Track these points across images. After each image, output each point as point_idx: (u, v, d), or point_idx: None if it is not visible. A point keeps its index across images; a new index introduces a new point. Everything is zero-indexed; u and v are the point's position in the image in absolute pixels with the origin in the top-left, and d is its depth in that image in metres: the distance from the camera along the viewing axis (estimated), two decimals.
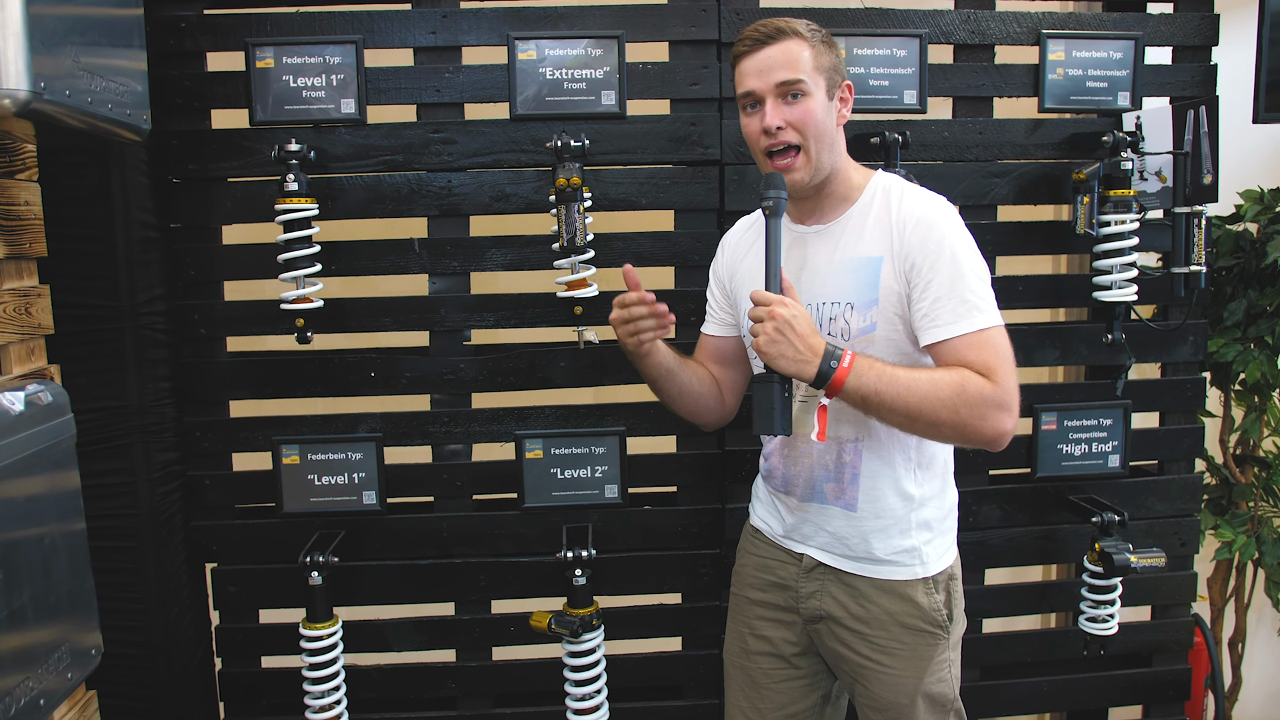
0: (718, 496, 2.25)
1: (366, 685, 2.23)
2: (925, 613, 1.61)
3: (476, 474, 2.21)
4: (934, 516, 1.63)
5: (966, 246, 1.49)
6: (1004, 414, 1.43)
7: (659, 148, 2.14)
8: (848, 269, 1.57)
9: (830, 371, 1.43)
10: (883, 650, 1.62)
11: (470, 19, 2.09)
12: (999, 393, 1.42)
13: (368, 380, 2.16)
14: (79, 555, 1.63)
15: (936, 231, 1.49)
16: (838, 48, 1.58)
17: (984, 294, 1.48)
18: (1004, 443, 1.46)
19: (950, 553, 1.66)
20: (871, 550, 1.61)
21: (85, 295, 1.95)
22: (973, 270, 1.48)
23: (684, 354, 1.78)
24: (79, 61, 1.44)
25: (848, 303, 1.56)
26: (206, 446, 2.16)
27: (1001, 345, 1.46)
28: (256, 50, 2.04)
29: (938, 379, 1.43)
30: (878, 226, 1.55)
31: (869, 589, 1.62)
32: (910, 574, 1.61)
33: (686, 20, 2.11)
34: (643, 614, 2.28)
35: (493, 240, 2.15)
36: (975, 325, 1.46)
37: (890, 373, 1.44)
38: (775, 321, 1.44)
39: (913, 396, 1.43)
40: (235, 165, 2.10)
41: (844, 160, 1.60)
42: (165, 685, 2.08)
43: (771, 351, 1.44)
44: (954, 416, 1.42)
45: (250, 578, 2.20)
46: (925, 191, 1.57)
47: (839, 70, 1.56)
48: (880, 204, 1.57)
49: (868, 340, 1.54)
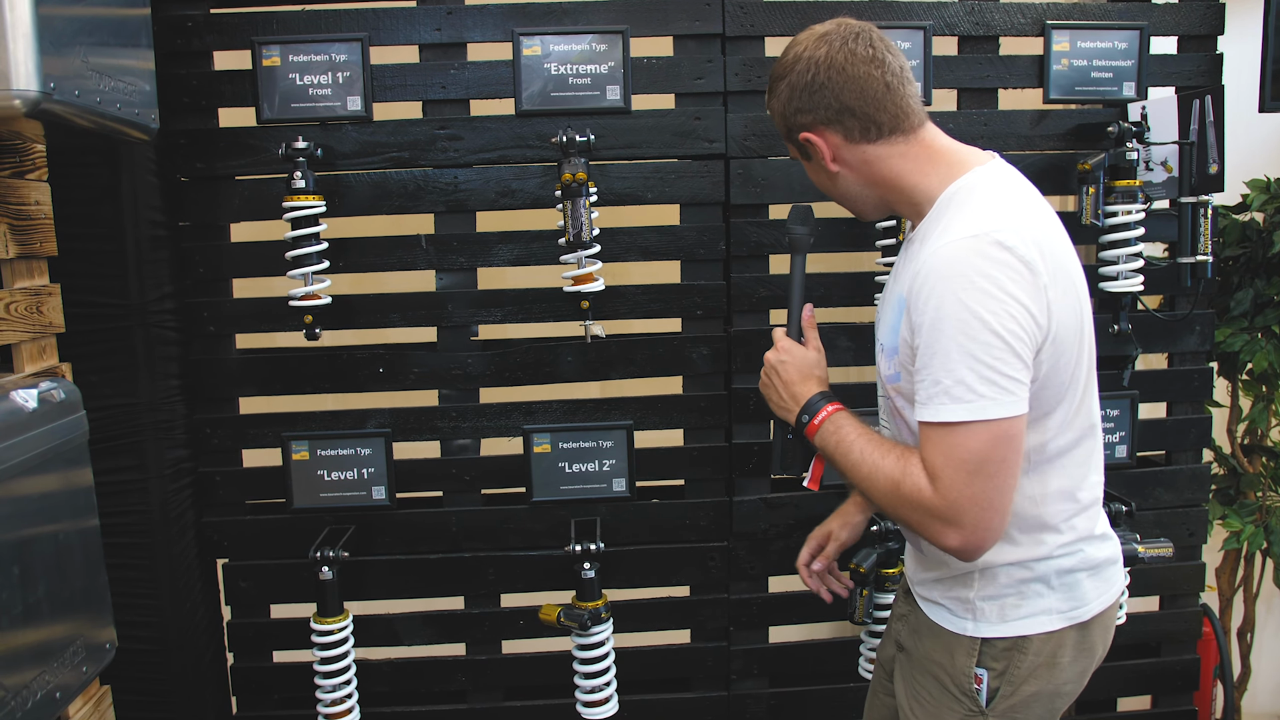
0: (726, 489, 2.26)
1: (377, 679, 2.25)
2: (954, 673, 1.39)
3: (485, 468, 2.22)
4: (1013, 578, 1.35)
5: (961, 312, 1.18)
6: (944, 527, 1.21)
7: (664, 142, 2.14)
8: (889, 303, 1.40)
9: (803, 425, 1.41)
10: (915, 698, 1.47)
11: (475, 15, 2.10)
12: (935, 502, 1.20)
13: (376, 376, 2.17)
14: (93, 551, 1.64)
15: (932, 283, 1.21)
16: (779, 96, 1.38)
17: (965, 377, 1.17)
18: (963, 558, 1.27)
19: (1027, 624, 1.35)
20: (932, 590, 1.45)
21: (95, 294, 1.96)
22: (959, 345, 1.18)
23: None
24: (88, 62, 1.44)
25: (881, 343, 1.41)
26: (216, 443, 2.17)
27: (961, 447, 1.18)
28: (263, 49, 2.05)
29: (879, 467, 1.28)
30: (914, 257, 1.30)
31: (923, 626, 1.47)
32: (958, 627, 1.39)
33: (691, 14, 2.12)
34: (651, 607, 2.29)
35: (499, 236, 2.15)
36: (935, 416, 1.20)
37: (847, 444, 1.33)
38: (766, 365, 1.47)
39: (857, 475, 1.32)
40: (243, 163, 2.10)
41: (890, 179, 1.36)
42: (178, 680, 2.10)
43: (762, 394, 1.50)
44: (895, 513, 1.29)
45: (261, 573, 2.22)
46: (977, 215, 1.24)
47: (792, 127, 1.38)
48: (930, 226, 1.31)
49: (895, 390, 1.37)
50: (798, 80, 1.34)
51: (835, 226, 2.18)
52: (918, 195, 1.35)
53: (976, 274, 1.18)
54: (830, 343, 2.19)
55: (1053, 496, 1.34)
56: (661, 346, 2.19)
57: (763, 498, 2.24)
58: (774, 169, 2.16)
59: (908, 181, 1.35)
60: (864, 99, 1.31)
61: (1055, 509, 1.34)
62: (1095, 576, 1.39)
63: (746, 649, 2.30)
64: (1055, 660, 1.36)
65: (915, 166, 1.34)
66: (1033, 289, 1.19)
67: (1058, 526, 1.35)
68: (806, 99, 1.34)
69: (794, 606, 2.31)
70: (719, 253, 2.18)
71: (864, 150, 1.35)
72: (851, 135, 1.34)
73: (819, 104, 1.33)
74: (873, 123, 1.32)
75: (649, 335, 2.21)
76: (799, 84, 1.34)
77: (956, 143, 1.38)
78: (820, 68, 1.32)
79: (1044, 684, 1.36)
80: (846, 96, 1.32)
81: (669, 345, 2.19)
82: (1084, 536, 1.37)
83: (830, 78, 1.31)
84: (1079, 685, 1.41)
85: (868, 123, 1.32)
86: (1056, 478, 1.33)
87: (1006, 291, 1.18)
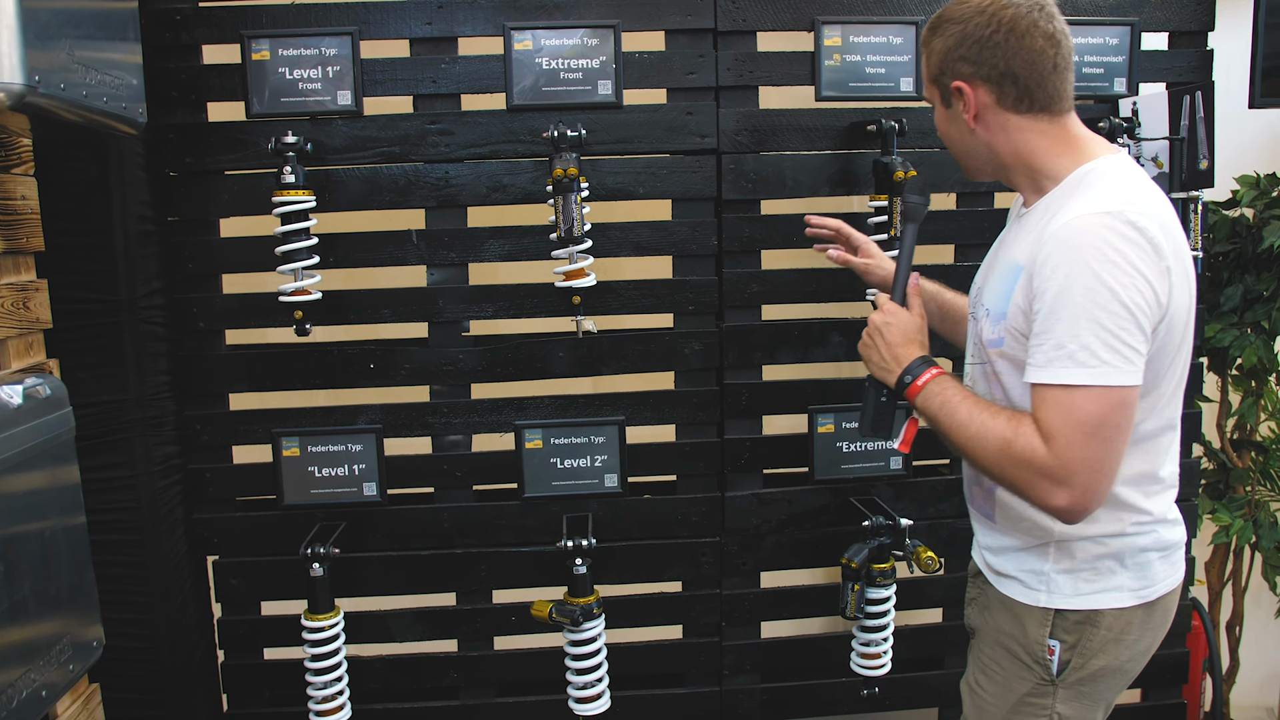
0: (717, 485, 2.26)
1: (369, 675, 2.24)
2: (1027, 643, 1.42)
3: (476, 464, 2.21)
4: (1089, 553, 1.39)
5: (1092, 281, 1.22)
6: (1054, 487, 1.24)
7: (656, 137, 2.14)
8: (999, 271, 1.43)
9: (904, 386, 1.45)
10: (983, 669, 1.51)
11: (466, 9, 2.09)
12: (1049, 462, 1.23)
13: (367, 372, 2.17)
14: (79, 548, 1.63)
15: (1063, 252, 1.25)
16: (946, 37, 1.38)
17: (1089, 342, 1.21)
18: (1066, 519, 1.29)
19: (1100, 599, 1.39)
20: (1005, 563, 1.47)
21: (84, 289, 1.94)
22: (1087, 312, 1.22)
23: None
24: (74, 55, 1.43)
25: (987, 308, 1.43)
26: (206, 440, 2.16)
27: (1081, 410, 1.22)
28: (252, 42, 2.04)
29: (989, 427, 1.31)
30: (1036, 229, 1.34)
31: (994, 601, 1.50)
32: (1031, 598, 1.42)
33: (682, 9, 2.11)
34: (643, 602, 2.29)
35: (490, 231, 2.14)
36: (1056, 378, 1.24)
37: (953, 404, 1.36)
38: (869, 327, 1.52)
39: (962, 436, 1.34)
40: (232, 158, 2.09)
41: (1023, 152, 1.39)
42: (168, 677, 2.09)
43: (862, 355, 1.54)
44: (1000, 473, 1.31)
45: (252, 570, 2.21)
46: (1110, 194, 1.28)
47: (946, 71, 1.39)
48: (1059, 202, 1.34)
49: (998, 354, 1.40)
50: (974, 30, 1.35)
51: None
52: (1043, 173, 1.39)
53: (1108, 247, 1.22)
54: (821, 338, 2.21)
55: (1135, 477, 1.38)
56: (653, 342, 2.19)
57: (755, 493, 2.24)
58: (766, 164, 2.16)
59: (1038, 159, 1.38)
60: (1031, 71, 1.34)
61: (1136, 489, 1.39)
62: (1165, 559, 1.43)
63: (739, 644, 2.30)
64: (1124, 637, 1.40)
65: (1049, 146, 1.38)
66: (1157, 269, 1.24)
67: (1137, 505, 1.39)
68: (976, 51, 1.35)
69: (786, 602, 2.31)
70: (711, 248, 2.18)
71: (1008, 118, 1.37)
72: (1004, 100, 1.36)
73: (986, 60, 1.35)
74: (1029, 96, 1.35)
75: (641, 331, 2.20)
76: (974, 34, 1.35)
77: (1091, 133, 1.42)
78: (1001, 27, 1.33)
79: (1112, 659, 1.41)
80: (1016, 63, 1.33)
81: (661, 341, 2.19)
82: (1159, 519, 1.42)
83: (1007, 40, 1.33)
84: (1142, 664, 1.46)
85: (1024, 94, 1.35)
86: (1140, 459, 1.37)
87: (1134, 266, 1.22)
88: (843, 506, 2.25)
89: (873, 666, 2.16)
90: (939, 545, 2.25)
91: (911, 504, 2.27)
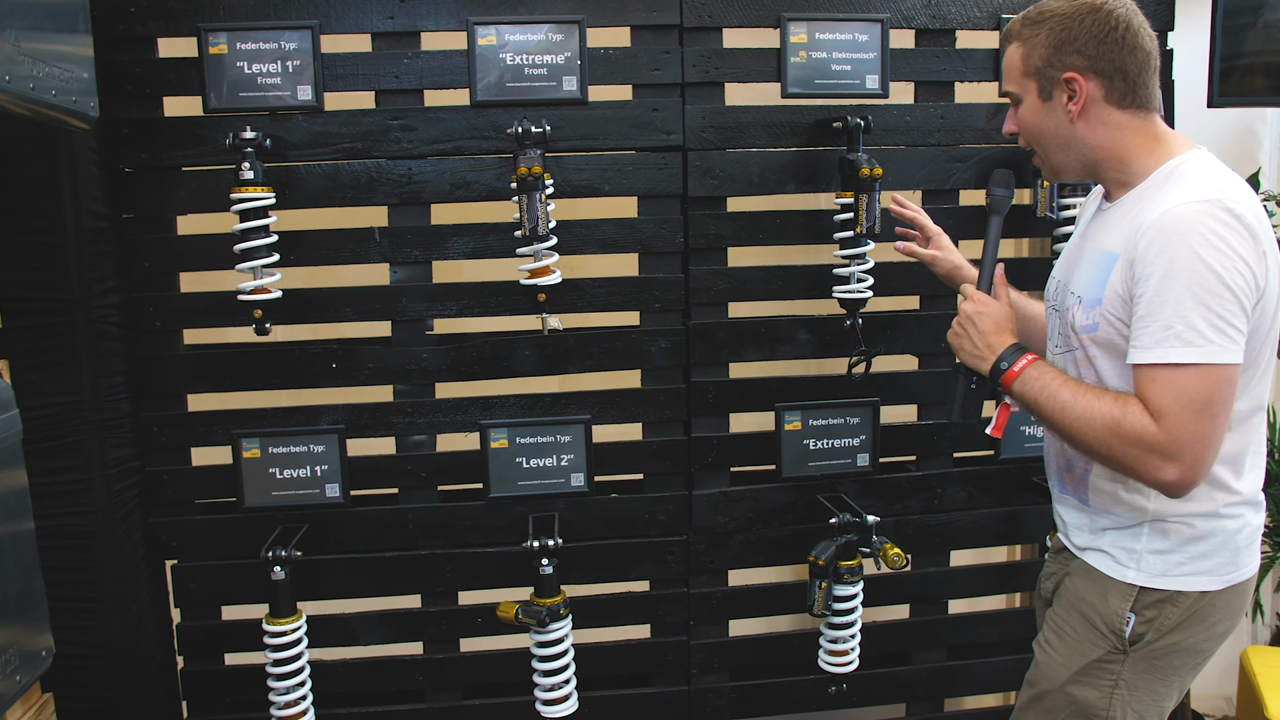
0: (685, 483, 2.25)
1: (333, 680, 2.21)
2: (1106, 613, 1.48)
3: (441, 465, 2.19)
4: (1182, 535, 1.44)
5: (1196, 264, 1.28)
6: (1164, 462, 1.30)
7: (621, 133, 2.12)
8: (1089, 260, 1.50)
9: (1000, 372, 1.49)
10: (1055, 630, 1.57)
11: (429, 4, 2.06)
12: (1159, 438, 1.29)
13: (329, 372, 2.13)
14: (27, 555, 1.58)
15: (1165, 238, 1.31)
16: (1054, 30, 1.43)
17: (1196, 323, 1.28)
18: (1172, 493, 1.35)
19: (1186, 580, 1.44)
20: (1096, 540, 1.53)
21: (35, 288, 1.90)
22: (1193, 294, 1.28)
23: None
24: (19, 46, 1.39)
25: (1078, 295, 1.49)
26: (164, 441, 2.12)
27: (1191, 388, 1.28)
28: (209, 36, 1.99)
29: (1095, 408, 1.36)
30: (1129, 219, 1.41)
31: (1077, 571, 1.56)
32: (1119, 573, 1.48)
33: (648, 5, 2.10)
34: (611, 602, 2.27)
35: (454, 228, 2.12)
36: (1164, 358, 1.30)
37: (1054, 387, 1.41)
38: (960, 316, 1.57)
39: (1066, 417, 1.39)
40: (189, 154, 2.05)
41: (1118, 147, 1.45)
42: (125, 684, 2.04)
43: (953, 343, 1.58)
44: (1107, 451, 1.36)
45: (211, 574, 2.17)
46: (1205, 184, 1.35)
47: (1054, 63, 1.43)
48: (1151, 193, 1.41)
49: (1091, 340, 1.46)
50: (1089, 25, 1.41)
51: (793, 219, 2.19)
52: (1131, 168, 1.46)
53: (1209, 232, 1.29)
54: (789, 335, 2.21)
55: (1227, 456, 1.42)
56: (620, 340, 2.18)
57: (722, 491, 2.24)
58: (732, 161, 2.15)
59: (1129, 154, 1.46)
60: (1140, 69, 1.42)
61: (1228, 469, 1.44)
62: (1250, 545, 1.48)
63: (707, 643, 2.30)
64: (1203, 618, 1.45)
65: (1140, 142, 1.45)
66: (1255, 253, 1.31)
67: (1229, 485, 1.44)
68: (1094, 46, 1.41)
69: (754, 600, 2.31)
70: (677, 245, 2.17)
71: (1110, 112, 1.44)
72: (1111, 95, 1.43)
73: (1103, 54, 1.41)
74: (1133, 92, 1.43)
75: (607, 329, 2.19)
76: (1089, 29, 1.41)
77: (1174, 131, 1.49)
78: (1122, 25, 1.41)
79: (1187, 636, 1.46)
80: (1129, 60, 1.41)
81: (627, 339, 2.18)
82: (1248, 500, 1.47)
83: (1126, 38, 1.41)
84: (1217, 645, 1.50)
85: (1129, 90, 1.42)
86: (1232, 439, 1.41)
87: (1235, 250, 1.29)
88: (810, 504, 2.25)
89: (841, 663, 2.17)
90: (905, 542, 2.27)
91: (878, 501, 2.28)
